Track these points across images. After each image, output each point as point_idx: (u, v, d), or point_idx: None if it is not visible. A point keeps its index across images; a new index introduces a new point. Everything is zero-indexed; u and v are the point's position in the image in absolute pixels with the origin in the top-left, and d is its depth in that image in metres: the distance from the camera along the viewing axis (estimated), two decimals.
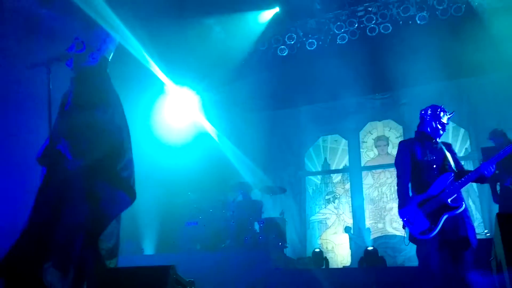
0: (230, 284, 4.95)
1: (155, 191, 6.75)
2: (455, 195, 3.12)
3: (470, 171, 3.21)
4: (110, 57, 2.51)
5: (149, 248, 7.01)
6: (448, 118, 3.40)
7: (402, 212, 3.17)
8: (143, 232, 7.02)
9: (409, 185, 3.31)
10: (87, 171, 2.13)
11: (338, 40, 8.03)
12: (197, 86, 9.00)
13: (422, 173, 3.23)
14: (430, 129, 3.36)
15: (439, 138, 3.39)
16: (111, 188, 2.17)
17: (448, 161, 3.30)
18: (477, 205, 7.18)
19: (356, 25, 7.79)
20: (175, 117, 9.00)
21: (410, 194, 3.29)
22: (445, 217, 3.05)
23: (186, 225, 6.32)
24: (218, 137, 9.53)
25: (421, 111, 3.45)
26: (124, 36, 6.31)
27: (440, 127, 3.35)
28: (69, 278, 2.05)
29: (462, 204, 3.11)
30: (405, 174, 3.26)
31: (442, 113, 3.37)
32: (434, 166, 3.23)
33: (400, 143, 3.47)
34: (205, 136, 9.57)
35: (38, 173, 2.33)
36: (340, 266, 7.59)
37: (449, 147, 3.44)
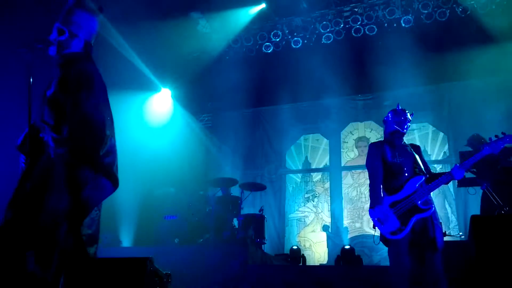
0: (206, 278, 4.93)
1: (135, 183, 6.66)
2: (426, 198, 3.18)
3: (441, 174, 3.29)
4: (93, 42, 2.45)
5: (126, 241, 6.93)
6: (408, 118, 3.43)
7: (373, 212, 3.24)
8: (121, 224, 6.94)
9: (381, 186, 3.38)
10: (69, 157, 2.11)
11: (323, 40, 8.07)
12: (178, 81, 8.93)
13: (392, 175, 3.30)
14: (393, 130, 3.42)
15: (403, 136, 3.42)
16: (94, 174, 2.14)
17: (418, 164, 3.36)
18: (453, 208, 7.34)
19: (341, 25, 7.84)
20: (158, 110, 8.92)
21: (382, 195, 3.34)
22: (415, 218, 3.12)
23: (164, 218, 6.27)
24: (200, 132, 9.48)
25: (384, 117, 3.55)
26: (106, 29, 6.21)
27: (398, 128, 3.39)
28: (52, 266, 2.01)
29: (432, 207, 3.18)
30: (377, 175, 3.32)
31: (401, 112, 3.44)
32: (405, 168, 3.29)
33: (370, 145, 3.53)
34: (187, 131, 9.50)
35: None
36: (317, 263, 7.66)
37: (417, 149, 3.50)
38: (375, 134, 8.25)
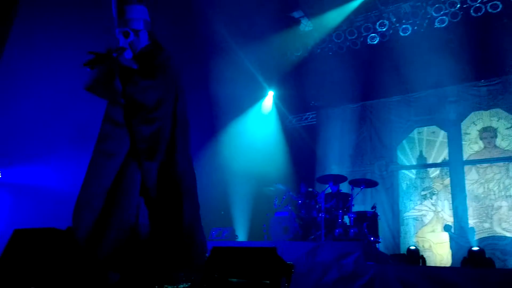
0: (320, 275, 4.85)
1: (246, 182, 6.91)
2: None
3: None
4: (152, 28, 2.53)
5: (241, 235, 7.24)
6: None
7: None
8: (236, 220, 7.33)
9: None
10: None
11: (436, 24, 7.45)
12: (283, 81, 9.03)
13: None
14: None
15: None
16: None
17: None
18: None
19: (458, 6, 7.15)
20: (264, 112, 9.16)
21: None
22: None
23: (276, 215, 6.36)
24: (306, 130, 9.46)
25: None
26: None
27: None
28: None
29: None
30: None
31: None
32: None
33: None
34: (292, 131, 9.56)
35: None
36: (440, 266, 7.04)
37: None
38: (504, 123, 7.32)
